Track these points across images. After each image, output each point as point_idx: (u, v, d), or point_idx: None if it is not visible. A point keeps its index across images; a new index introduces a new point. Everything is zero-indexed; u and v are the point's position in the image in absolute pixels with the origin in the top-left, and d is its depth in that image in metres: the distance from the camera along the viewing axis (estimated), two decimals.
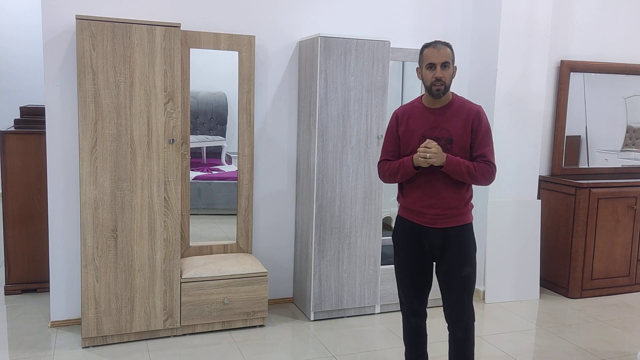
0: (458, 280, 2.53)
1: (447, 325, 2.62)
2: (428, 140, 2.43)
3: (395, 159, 2.57)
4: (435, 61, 2.42)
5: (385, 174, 2.60)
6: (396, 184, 2.66)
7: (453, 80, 2.50)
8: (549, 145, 4.59)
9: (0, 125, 4.63)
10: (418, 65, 2.55)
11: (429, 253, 2.56)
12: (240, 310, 3.45)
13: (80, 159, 3.05)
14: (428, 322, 2.81)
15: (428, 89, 2.47)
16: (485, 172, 2.47)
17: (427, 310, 2.75)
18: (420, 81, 2.56)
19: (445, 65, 2.43)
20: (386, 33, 3.93)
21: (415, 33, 4.07)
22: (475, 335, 2.63)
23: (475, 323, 2.61)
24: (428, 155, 2.39)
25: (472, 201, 2.61)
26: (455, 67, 2.50)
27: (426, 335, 2.75)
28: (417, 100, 2.61)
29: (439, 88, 2.43)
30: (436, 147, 2.40)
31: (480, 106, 2.55)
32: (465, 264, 2.53)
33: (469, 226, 2.56)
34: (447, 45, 2.47)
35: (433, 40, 2.50)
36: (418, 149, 2.43)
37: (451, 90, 2.54)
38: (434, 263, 2.62)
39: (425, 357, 2.79)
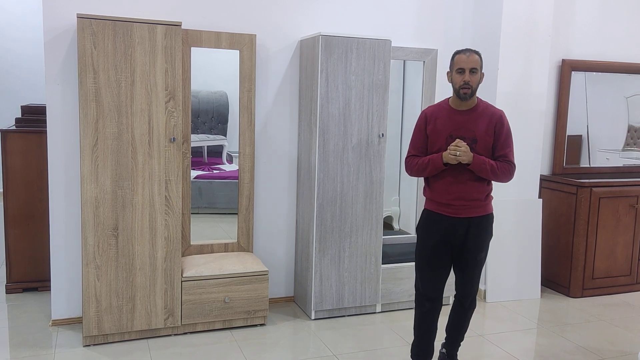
0: (473, 263, 2.81)
1: (455, 295, 2.94)
2: (458, 140, 2.66)
3: (423, 155, 2.80)
4: (465, 66, 2.65)
5: (414, 169, 2.83)
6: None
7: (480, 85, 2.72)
8: (550, 144, 4.59)
9: (1, 124, 4.63)
10: (448, 70, 2.75)
11: (451, 242, 2.78)
12: (241, 309, 3.45)
13: (81, 158, 3.05)
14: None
15: (456, 91, 2.69)
16: (506, 170, 2.73)
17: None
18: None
19: (473, 70, 2.65)
20: (387, 32, 3.93)
21: (416, 32, 4.07)
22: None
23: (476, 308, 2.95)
24: (458, 153, 2.62)
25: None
26: (483, 74, 2.72)
27: (436, 327, 2.91)
28: (445, 102, 2.82)
29: (466, 91, 2.66)
30: (465, 146, 2.64)
31: (502, 110, 2.77)
32: (482, 250, 2.82)
33: (490, 216, 2.84)
34: (477, 53, 2.69)
35: (464, 48, 2.74)
36: (448, 148, 2.67)
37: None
38: (451, 251, 2.83)
39: (431, 350, 2.91)
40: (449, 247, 2.80)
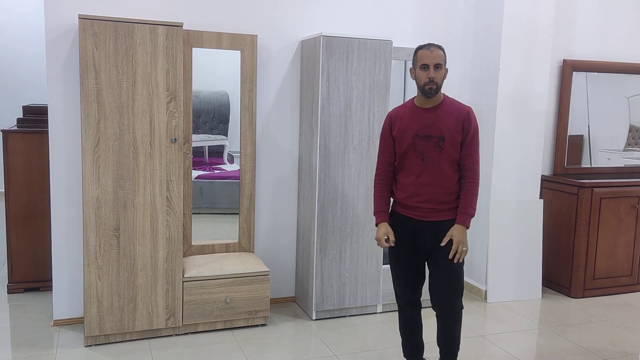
0: (448, 271, 2.64)
1: (435, 313, 2.74)
2: (457, 249, 2.58)
3: (391, 166, 2.73)
4: (429, 62, 2.54)
5: (374, 192, 2.78)
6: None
7: (445, 81, 2.62)
8: (551, 144, 4.59)
9: (3, 125, 4.64)
10: (412, 66, 2.65)
11: (422, 246, 2.67)
12: (242, 309, 3.45)
13: (83, 158, 3.05)
14: (429, 321, 2.82)
15: (421, 88, 2.59)
16: (476, 185, 2.63)
17: (429, 309, 2.78)
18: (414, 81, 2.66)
19: (437, 66, 2.55)
20: (388, 32, 3.92)
21: (418, 32, 4.06)
22: (462, 326, 2.77)
23: (463, 312, 2.75)
24: (463, 254, 2.58)
25: None
26: (447, 69, 2.61)
27: (421, 325, 2.87)
28: (410, 101, 2.73)
29: (432, 87, 2.55)
30: (459, 244, 2.56)
31: (470, 107, 2.66)
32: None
33: None
34: (440, 47, 2.59)
35: (427, 43, 2.63)
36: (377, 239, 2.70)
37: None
38: (425, 255, 2.72)
39: (421, 345, 2.89)
40: (421, 249, 2.67)
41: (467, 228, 2.61)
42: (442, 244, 2.58)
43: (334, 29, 3.80)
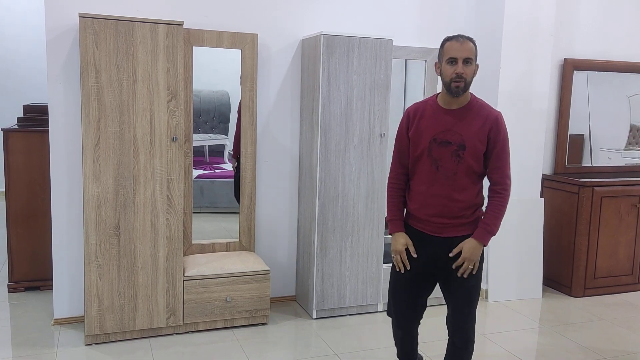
0: (462, 291, 2.39)
1: (447, 330, 2.51)
2: (464, 264, 2.32)
3: (405, 169, 2.44)
4: (457, 55, 2.23)
5: (386, 197, 2.52)
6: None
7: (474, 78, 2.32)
8: (552, 143, 4.59)
9: (3, 124, 4.64)
10: (437, 60, 2.35)
11: (432, 263, 2.40)
12: (243, 308, 3.45)
13: (84, 157, 3.05)
14: (429, 320, 2.81)
15: (447, 85, 2.27)
16: (505, 202, 2.33)
17: (429, 308, 2.65)
18: (438, 77, 2.46)
19: (467, 60, 2.24)
20: (389, 31, 3.92)
21: (418, 31, 4.06)
22: (474, 348, 2.51)
23: (476, 337, 2.51)
24: (471, 266, 2.32)
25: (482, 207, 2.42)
26: (477, 65, 2.31)
27: (416, 340, 2.64)
28: (432, 98, 2.40)
29: (459, 85, 2.24)
30: (465, 260, 2.30)
31: (500, 112, 2.34)
32: (472, 276, 2.37)
33: None
34: (471, 40, 2.28)
35: (456, 34, 2.30)
36: (395, 262, 2.43)
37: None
38: (435, 275, 2.46)
39: (415, 355, 2.68)
40: (430, 269, 2.41)
41: (485, 245, 2.33)
42: (451, 255, 2.33)
43: (335, 28, 3.80)
